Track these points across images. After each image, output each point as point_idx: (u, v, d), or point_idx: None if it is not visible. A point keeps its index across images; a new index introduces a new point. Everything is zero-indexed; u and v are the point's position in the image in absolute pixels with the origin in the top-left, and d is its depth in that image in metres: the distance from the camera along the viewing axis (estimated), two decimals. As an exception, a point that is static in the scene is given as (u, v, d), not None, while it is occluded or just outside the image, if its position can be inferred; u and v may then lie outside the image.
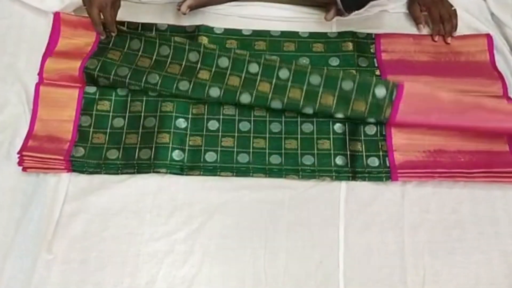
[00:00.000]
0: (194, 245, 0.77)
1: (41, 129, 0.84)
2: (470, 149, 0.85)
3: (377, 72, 0.91)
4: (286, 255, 0.77)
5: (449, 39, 0.96)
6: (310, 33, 0.96)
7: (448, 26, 0.97)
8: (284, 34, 0.96)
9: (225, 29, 0.96)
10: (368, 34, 0.96)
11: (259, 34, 0.96)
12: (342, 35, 0.96)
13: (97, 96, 0.87)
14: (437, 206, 0.82)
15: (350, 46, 0.94)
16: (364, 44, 0.95)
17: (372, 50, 0.95)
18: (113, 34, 0.88)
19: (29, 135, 0.83)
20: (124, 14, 0.94)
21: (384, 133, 0.86)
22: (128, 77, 0.86)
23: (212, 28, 0.96)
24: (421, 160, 0.84)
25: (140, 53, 0.89)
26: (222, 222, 0.79)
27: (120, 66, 0.87)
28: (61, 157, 0.81)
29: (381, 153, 0.84)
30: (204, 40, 0.93)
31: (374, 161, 0.84)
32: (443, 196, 0.82)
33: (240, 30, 0.96)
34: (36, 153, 0.80)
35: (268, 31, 0.96)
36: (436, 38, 0.97)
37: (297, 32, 0.96)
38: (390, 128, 0.86)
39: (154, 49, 0.90)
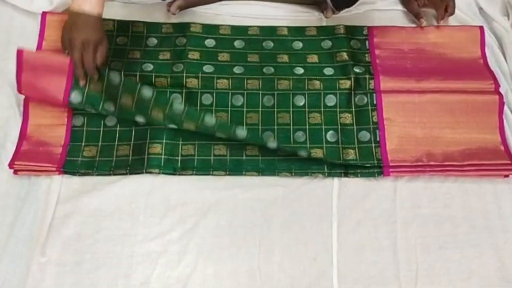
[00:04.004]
0: (188, 245, 0.77)
1: (33, 135, 0.83)
2: (462, 140, 0.86)
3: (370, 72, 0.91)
4: (280, 253, 0.77)
5: (441, 22, 0.98)
6: (305, 70, 0.91)
7: (450, 9, 0.97)
8: (277, 71, 0.91)
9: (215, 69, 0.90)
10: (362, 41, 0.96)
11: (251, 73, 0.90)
12: (337, 74, 0.91)
13: (85, 128, 0.85)
14: (428, 201, 0.82)
15: (344, 55, 0.93)
16: (359, 53, 0.94)
17: (367, 47, 0.95)
18: (95, 78, 0.81)
19: (21, 141, 0.83)
20: (113, 15, 0.94)
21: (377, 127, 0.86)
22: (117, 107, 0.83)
23: (198, 65, 0.90)
24: (414, 152, 0.84)
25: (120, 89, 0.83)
26: (216, 221, 0.79)
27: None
28: (54, 165, 0.81)
29: (373, 146, 0.85)
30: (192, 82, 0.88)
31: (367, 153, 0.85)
32: (435, 191, 0.83)
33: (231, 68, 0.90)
34: (28, 162, 0.80)
35: (262, 69, 0.91)
36: (441, 22, 0.97)
37: (292, 70, 0.91)
38: (383, 121, 0.87)
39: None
